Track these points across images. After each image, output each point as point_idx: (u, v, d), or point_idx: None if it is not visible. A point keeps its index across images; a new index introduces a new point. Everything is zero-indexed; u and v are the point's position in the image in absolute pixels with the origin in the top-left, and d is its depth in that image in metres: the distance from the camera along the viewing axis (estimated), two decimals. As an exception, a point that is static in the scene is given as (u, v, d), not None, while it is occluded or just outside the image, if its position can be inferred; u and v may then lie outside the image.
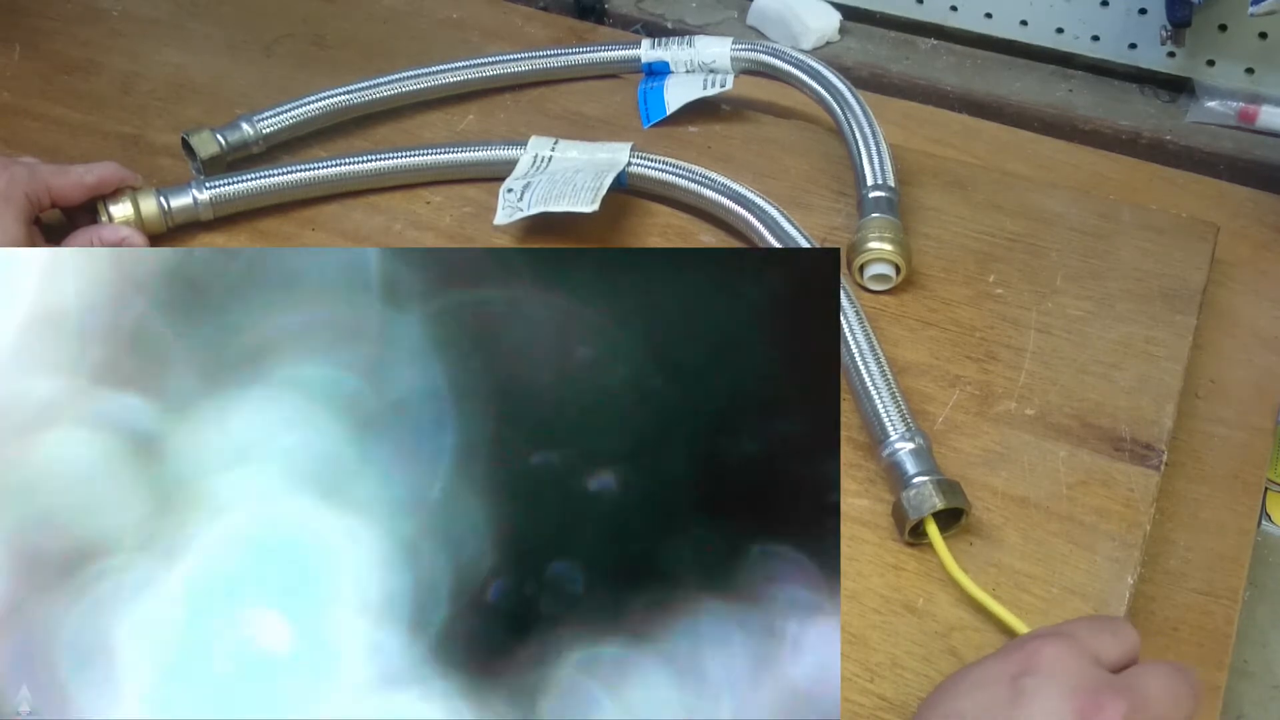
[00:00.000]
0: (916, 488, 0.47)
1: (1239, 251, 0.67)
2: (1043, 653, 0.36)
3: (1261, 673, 0.54)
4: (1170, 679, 0.37)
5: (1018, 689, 0.35)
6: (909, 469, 0.48)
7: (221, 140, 0.67)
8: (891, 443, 0.50)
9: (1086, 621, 0.40)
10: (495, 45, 0.79)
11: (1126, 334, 0.57)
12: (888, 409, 0.50)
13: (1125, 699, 0.35)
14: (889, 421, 0.50)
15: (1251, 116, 0.76)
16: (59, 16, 0.81)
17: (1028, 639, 0.38)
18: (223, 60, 0.77)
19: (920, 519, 0.47)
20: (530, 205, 0.61)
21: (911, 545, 0.48)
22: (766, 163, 0.68)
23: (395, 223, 0.65)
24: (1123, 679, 0.36)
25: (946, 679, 0.38)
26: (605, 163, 0.64)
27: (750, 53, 0.71)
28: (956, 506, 0.47)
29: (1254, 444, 0.57)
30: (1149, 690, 0.36)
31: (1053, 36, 0.81)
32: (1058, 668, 0.36)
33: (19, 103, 0.74)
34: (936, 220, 0.64)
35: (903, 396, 0.51)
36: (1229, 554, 0.52)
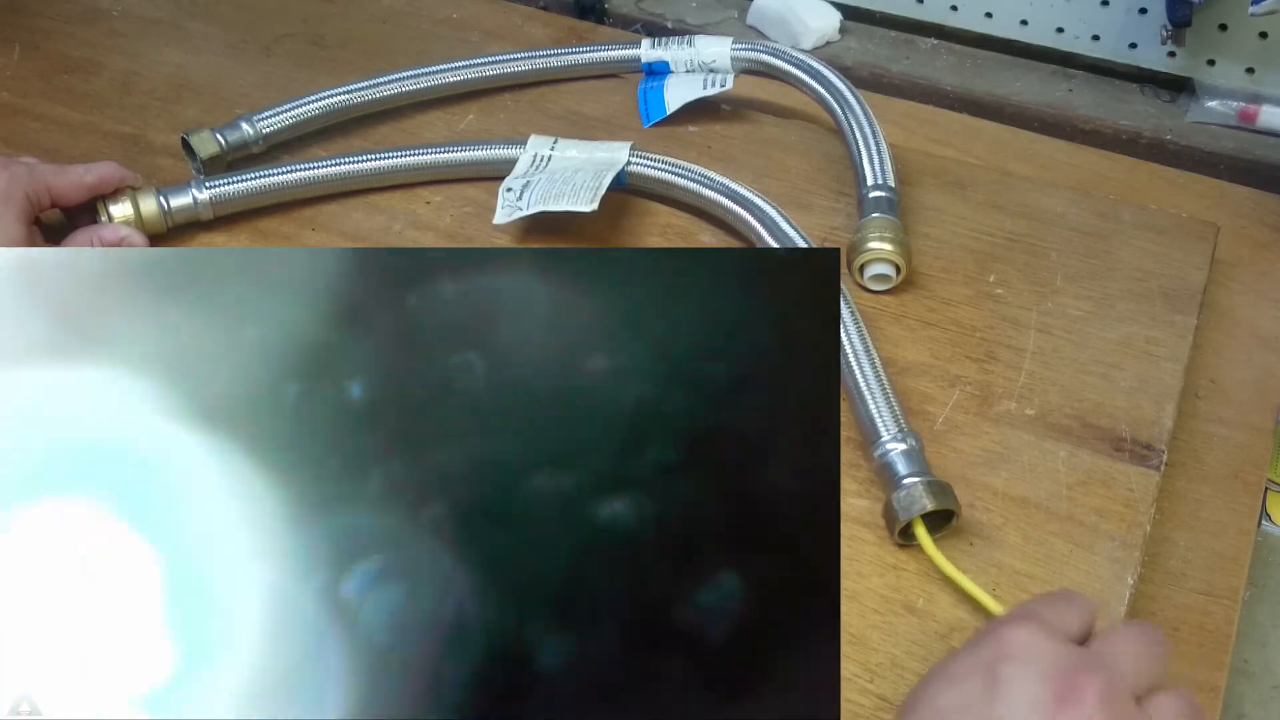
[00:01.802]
0: (907, 489, 0.47)
1: (1239, 251, 0.67)
2: (1013, 639, 0.36)
3: (1261, 673, 0.54)
4: (1138, 641, 0.37)
5: (994, 678, 0.35)
6: (900, 470, 0.48)
7: (221, 140, 0.67)
8: (883, 443, 0.50)
9: (1045, 599, 0.40)
10: (495, 45, 0.79)
11: (1126, 334, 0.57)
12: (880, 410, 0.50)
13: (1100, 674, 0.35)
14: (881, 422, 0.50)
15: (1252, 116, 0.76)
16: (59, 16, 0.81)
17: (996, 626, 0.38)
18: (223, 60, 0.77)
19: (910, 520, 0.47)
20: (529, 204, 0.61)
21: (902, 546, 0.48)
22: (767, 163, 0.68)
23: (395, 223, 0.65)
24: (1093, 653, 0.37)
25: (923, 677, 0.38)
26: (604, 162, 0.64)
27: (750, 52, 0.71)
28: (946, 508, 0.47)
29: (1254, 444, 0.57)
30: (1120, 657, 0.36)
31: (1053, 36, 0.81)
32: (1030, 652, 0.36)
33: (19, 103, 0.74)
34: (936, 220, 0.64)
35: (896, 397, 0.51)
36: (1229, 554, 0.52)
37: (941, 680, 0.37)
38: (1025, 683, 0.35)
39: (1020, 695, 0.35)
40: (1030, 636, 0.36)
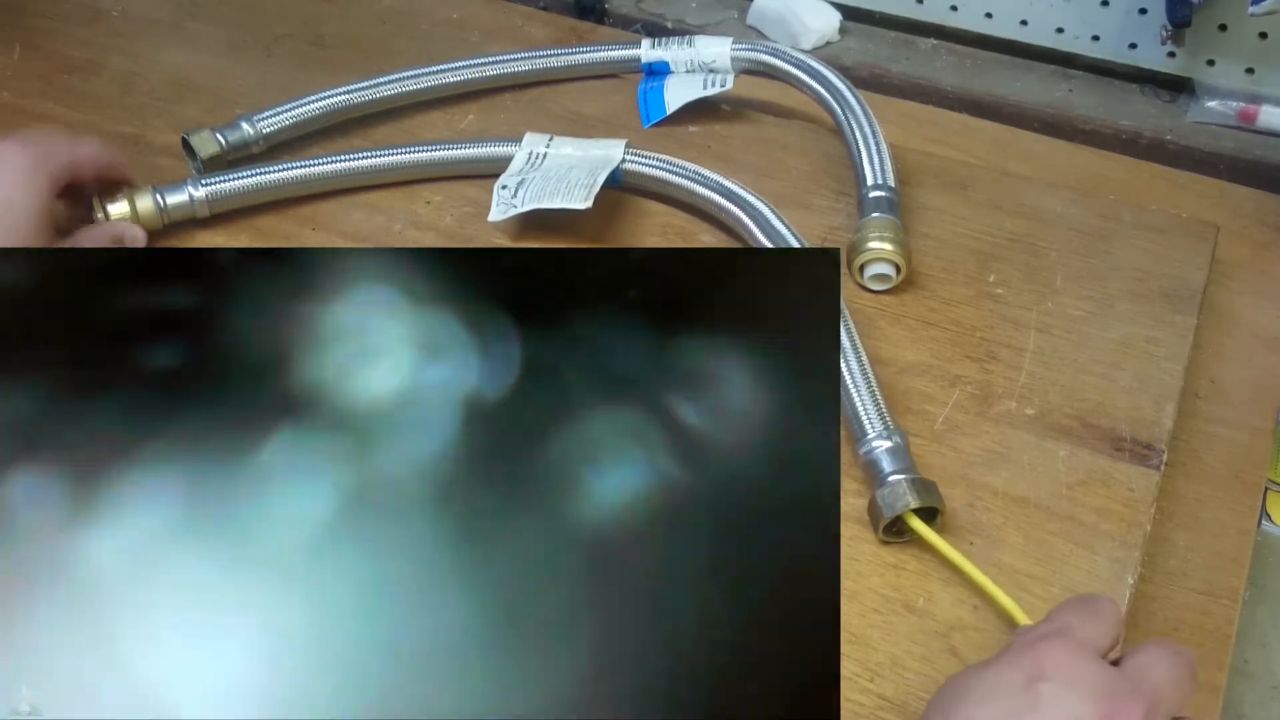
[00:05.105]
0: (891, 485, 0.48)
1: (1239, 251, 0.67)
2: (1052, 656, 0.37)
3: (1261, 673, 0.54)
4: (1171, 664, 0.37)
5: (1034, 695, 0.35)
6: (885, 467, 0.49)
7: (221, 140, 0.67)
8: (869, 440, 0.50)
9: (1074, 611, 0.40)
10: (495, 45, 0.79)
11: (1126, 334, 0.57)
12: (866, 407, 0.50)
13: (1140, 698, 0.35)
14: (867, 419, 0.50)
15: (1251, 116, 0.76)
16: (59, 16, 0.81)
17: (1032, 641, 0.38)
18: (223, 60, 0.77)
19: (894, 516, 0.47)
20: (524, 202, 0.61)
21: (886, 544, 0.48)
22: (767, 163, 0.68)
23: (395, 222, 0.65)
24: (1131, 676, 0.37)
25: (952, 682, 0.38)
26: (599, 159, 0.64)
27: (750, 53, 0.71)
28: (930, 505, 0.47)
29: (1254, 444, 0.57)
30: (1156, 682, 0.37)
31: (1053, 36, 0.81)
32: (1070, 672, 0.36)
33: (19, 103, 0.74)
34: (936, 220, 0.64)
35: (882, 395, 0.51)
36: (1229, 554, 0.52)
37: (976, 694, 0.37)
38: (1069, 703, 0.35)
39: (1064, 716, 0.35)
40: (1069, 656, 0.37)
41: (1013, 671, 0.37)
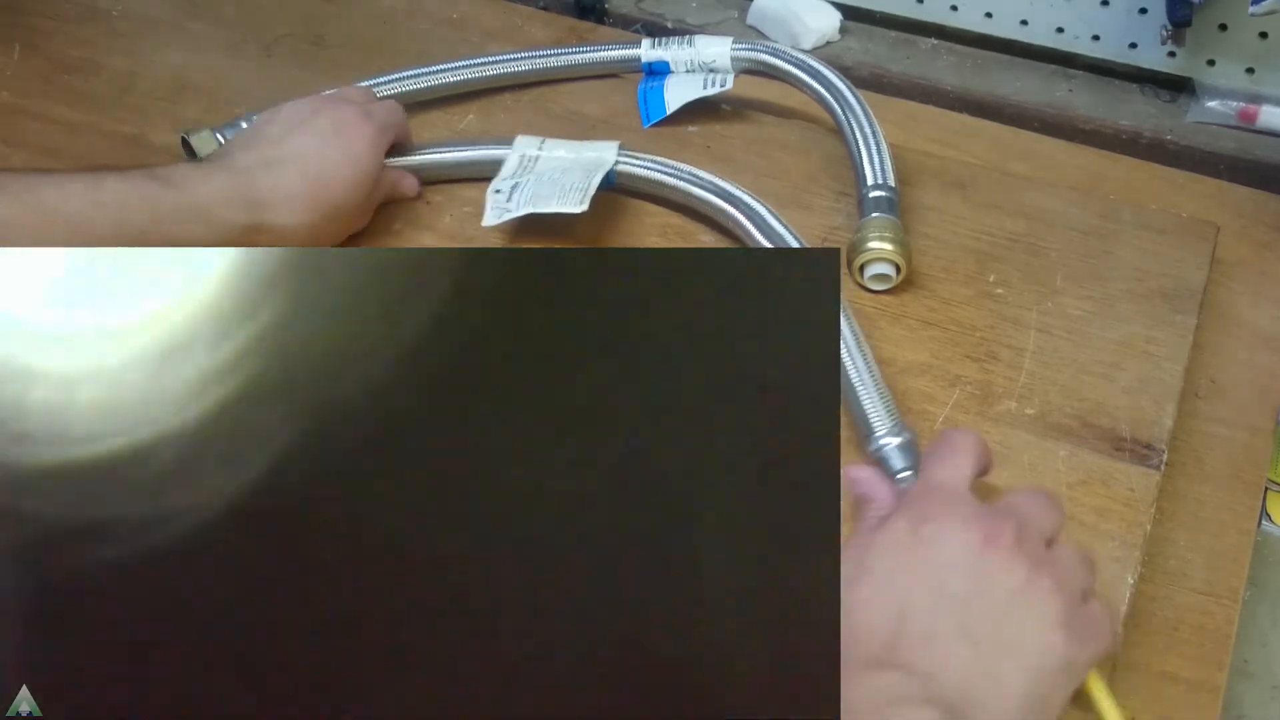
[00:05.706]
0: (902, 483, 0.48)
1: (1239, 251, 0.67)
2: (930, 504, 0.42)
3: (1261, 673, 0.54)
4: (1036, 497, 0.43)
5: (919, 537, 0.40)
6: (895, 464, 0.49)
7: (221, 140, 0.67)
8: (878, 438, 0.50)
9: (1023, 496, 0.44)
10: (495, 45, 0.79)
11: (1127, 334, 0.57)
12: (874, 404, 0.50)
13: (1011, 518, 0.40)
14: (875, 417, 0.50)
15: (1252, 116, 0.76)
16: (59, 16, 0.81)
17: (914, 497, 0.43)
18: (223, 60, 0.77)
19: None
20: (519, 206, 0.61)
21: None
22: (766, 163, 0.68)
23: (395, 222, 0.65)
24: (1000, 506, 0.42)
25: (854, 542, 0.42)
26: (592, 162, 0.64)
27: (750, 53, 0.71)
28: None
29: (1254, 444, 0.57)
30: (1024, 510, 0.42)
31: (1053, 36, 0.81)
32: (945, 509, 0.41)
33: (19, 103, 0.74)
34: (936, 220, 0.64)
35: (889, 392, 0.51)
36: (1229, 554, 0.52)
37: (876, 549, 0.41)
38: (953, 531, 0.40)
39: (951, 542, 0.40)
40: (947, 498, 0.42)
41: (900, 521, 0.41)
